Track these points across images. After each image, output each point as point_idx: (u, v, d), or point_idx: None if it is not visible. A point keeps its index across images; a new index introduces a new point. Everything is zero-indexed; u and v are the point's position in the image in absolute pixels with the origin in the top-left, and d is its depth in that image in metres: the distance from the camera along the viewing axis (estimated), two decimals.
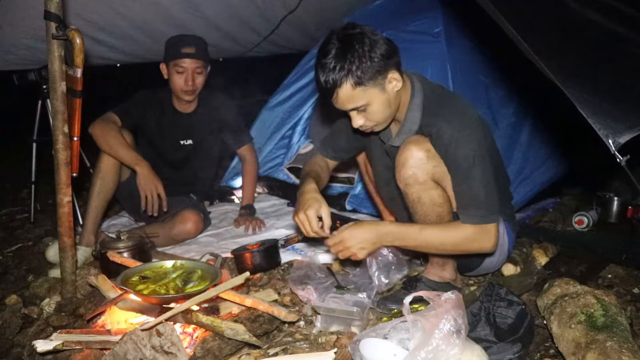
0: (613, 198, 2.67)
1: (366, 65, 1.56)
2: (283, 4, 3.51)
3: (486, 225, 1.62)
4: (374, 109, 1.65)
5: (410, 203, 1.76)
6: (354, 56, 1.55)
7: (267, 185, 3.40)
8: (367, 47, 1.56)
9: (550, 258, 2.22)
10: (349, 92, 1.59)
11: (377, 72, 1.58)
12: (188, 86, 2.56)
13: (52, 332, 1.60)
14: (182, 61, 2.53)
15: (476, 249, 1.68)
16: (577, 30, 1.60)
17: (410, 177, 1.70)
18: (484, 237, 1.63)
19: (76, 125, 1.82)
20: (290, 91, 3.26)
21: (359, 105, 1.63)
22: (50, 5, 1.67)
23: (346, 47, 1.56)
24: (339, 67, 1.55)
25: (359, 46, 1.56)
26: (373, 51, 1.57)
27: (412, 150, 1.69)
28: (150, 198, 2.38)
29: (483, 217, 1.62)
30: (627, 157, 1.20)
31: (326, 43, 1.60)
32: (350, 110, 1.66)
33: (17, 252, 2.64)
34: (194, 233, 2.61)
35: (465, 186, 1.64)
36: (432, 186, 1.70)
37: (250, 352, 1.59)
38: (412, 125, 1.74)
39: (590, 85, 1.31)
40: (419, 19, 2.71)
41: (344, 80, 1.56)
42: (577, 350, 1.36)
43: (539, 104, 2.67)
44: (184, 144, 2.73)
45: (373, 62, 1.56)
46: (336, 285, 1.98)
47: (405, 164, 1.70)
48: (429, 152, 1.68)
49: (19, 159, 3.59)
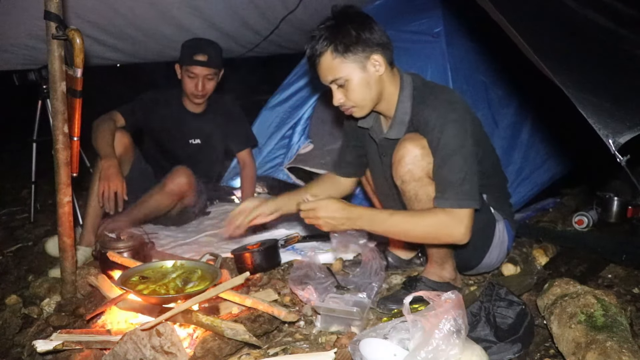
0: (613, 198, 2.67)
1: (349, 40, 1.64)
2: (283, 4, 3.50)
3: (458, 211, 1.59)
4: (352, 86, 1.70)
5: (407, 200, 1.77)
6: (341, 30, 1.64)
7: (267, 185, 3.40)
8: (356, 25, 1.65)
9: (550, 258, 2.22)
10: (329, 61, 1.67)
11: (360, 49, 1.66)
12: (198, 91, 2.66)
13: (52, 332, 1.59)
14: (194, 68, 2.62)
15: (446, 236, 1.64)
16: (577, 30, 1.60)
17: (407, 173, 1.70)
18: (454, 223, 1.59)
19: (76, 125, 1.82)
20: (290, 91, 3.26)
21: (337, 77, 1.69)
22: (50, 5, 1.67)
23: (338, 22, 1.67)
24: (324, 36, 1.66)
25: (349, 23, 1.65)
26: (362, 29, 1.65)
27: (407, 147, 1.69)
28: (107, 194, 2.28)
29: (455, 201, 1.59)
30: (627, 157, 1.20)
31: (324, 19, 1.71)
32: (330, 82, 1.72)
33: (17, 252, 2.64)
34: (188, 189, 2.64)
35: (444, 170, 1.63)
36: (428, 182, 1.70)
37: (250, 352, 1.59)
38: (404, 116, 1.76)
39: (590, 85, 1.31)
40: (419, 19, 2.71)
41: (326, 49, 1.66)
42: (577, 350, 1.36)
43: (539, 104, 2.67)
44: (192, 143, 2.82)
45: (359, 39, 1.65)
46: (336, 285, 1.98)
47: (401, 161, 1.70)
48: (424, 148, 1.68)
49: (19, 159, 3.60)
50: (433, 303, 1.35)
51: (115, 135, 2.51)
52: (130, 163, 2.67)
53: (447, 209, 1.61)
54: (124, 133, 2.57)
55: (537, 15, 1.56)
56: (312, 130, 3.25)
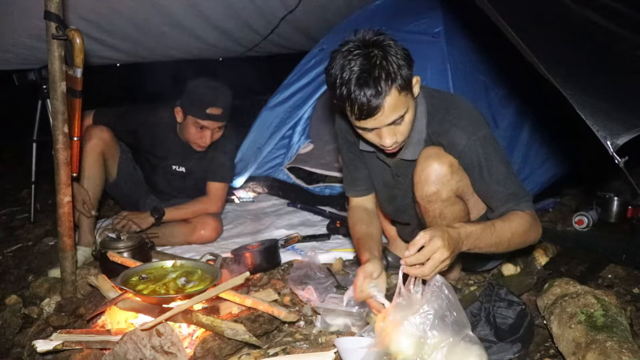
0: (613, 198, 2.67)
1: (405, 71, 1.43)
2: (283, 4, 3.51)
3: (533, 212, 1.57)
4: (408, 119, 1.51)
5: (429, 218, 1.68)
6: (394, 60, 1.42)
7: (267, 185, 3.40)
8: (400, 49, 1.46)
9: (550, 258, 2.22)
10: (396, 98, 1.42)
11: (411, 74, 1.47)
12: (205, 143, 2.47)
13: (52, 332, 1.60)
14: (205, 122, 2.41)
15: (534, 237, 1.59)
16: (575, 31, 1.60)
17: (434, 194, 1.62)
18: (537, 223, 1.57)
19: (76, 125, 1.82)
20: (290, 91, 3.26)
21: (402, 114, 1.47)
22: (50, 5, 1.67)
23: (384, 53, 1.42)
24: (385, 74, 1.39)
25: (393, 50, 1.44)
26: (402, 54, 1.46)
27: (433, 166, 1.59)
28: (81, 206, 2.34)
29: (528, 203, 1.56)
30: (625, 159, 1.20)
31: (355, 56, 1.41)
32: (388, 124, 1.47)
33: (17, 252, 2.64)
34: (214, 238, 2.61)
35: (498, 185, 1.57)
36: (455, 201, 1.64)
37: (250, 352, 1.59)
38: (420, 134, 1.65)
39: (588, 87, 1.31)
40: (419, 19, 2.71)
41: (393, 86, 1.40)
42: (577, 350, 1.36)
43: (539, 104, 2.67)
44: (176, 170, 2.65)
45: (409, 64, 1.46)
46: (336, 285, 1.98)
47: (427, 181, 1.60)
48: (452, 166, 1.59)
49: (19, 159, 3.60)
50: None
51: (94, 131, 2.43)
52: (116, 161, 2.57)
53: (527, 212, 1.55)
54: (103, 129, 2.46)
55: (535, 16, 1.56)
56: (312, 130, 3.25)
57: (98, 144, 2.43)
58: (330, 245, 2.51)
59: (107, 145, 2.47)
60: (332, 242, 2.57)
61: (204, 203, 2.62)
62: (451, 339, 1.30)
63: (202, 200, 2.63)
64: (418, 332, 1.28)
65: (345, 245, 2.48)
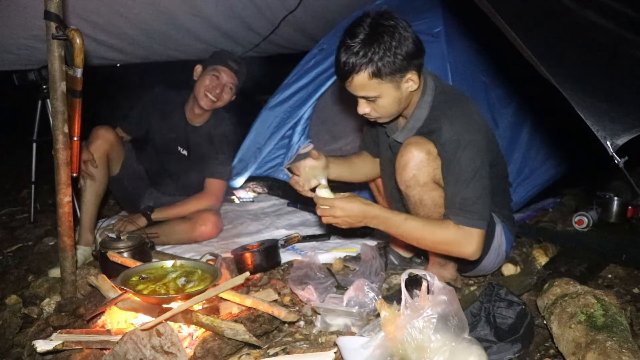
0: (613, 198, 2.67)
1: (389, 60, 1.55)
2: (283, 4, 3.51)
3: (471, 229, 1.60)
4: (383, 103, 1.66)
5: (411, 205, 1.75)
6: (380, 47, 1.54)
7: (267, 185, 3.40)
8: (395, 43, 1.55)
9: (550, 258, 2.22)
10: (365, 80, 1.59)
11: (397, 69, 1.58)
12: (214, 92, 2.56)
13: (52, 332, 1.60)
14: (223, 69, 2.57)
15: (456, 251, 1.65)
16: (575, 32, 1.60)
17: (411, 179, 1.69)
18: (466, 240, 1.60)
19: (76, 125, 1.82)
20: (290, 91, 3.26)
21: (370, 96, 1.64)
22: (50, 5, 1.67)
23: (375, 35, 1.54)
24: (362, 53, 1.55)
25: (388, 38, 1.55)
26: (400, 48, 1.56)
27: (412, 152, 1.67)
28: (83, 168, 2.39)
29: (469, 220, 1.60)
30: (625, 159, 1.20)
31: (356, 24, 1.58)
32: (359, 97, 1.67)
33: (17, 252, 2.64)
34: (215, 234, 2.63)
35: (457, 188, 1.62)
36: (433, 187, 1.69)
37: (250, 352, 1.59)
38: (416, 123, 1.74)
39: (588, 87, 1.31)
40: (419, 19, 2.71)
41: (363, 68, 1.56)
42: (577, 350, 1.37)
43: (539, 104, 2.67)
44: (180, 152, 2.72)
45: (396, 58, 1.56)
46: (336, 285, 1.98)
47: (406, 166, 1.68)
48: (430, 154, 1.66)
49: (19, 159, 3.59)
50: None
51: (99, 132, 2.49)
52: (120, 161, 2.63)
53: (459, 225, 1.60)
54: (108, 130, 2.53)
55: (535, 16, 1.55)
56: (312, 130, 3.25)
57: (103, 145, 2.48)
58: (330, 245, 2.51)
59: (111, 146, 2.53)
60: (332, 242, 2.57)
61: (199, 198, 2.65)
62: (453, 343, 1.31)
63: (197, 195, 2.66)
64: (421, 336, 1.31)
65: (345, 245, 2.48)
